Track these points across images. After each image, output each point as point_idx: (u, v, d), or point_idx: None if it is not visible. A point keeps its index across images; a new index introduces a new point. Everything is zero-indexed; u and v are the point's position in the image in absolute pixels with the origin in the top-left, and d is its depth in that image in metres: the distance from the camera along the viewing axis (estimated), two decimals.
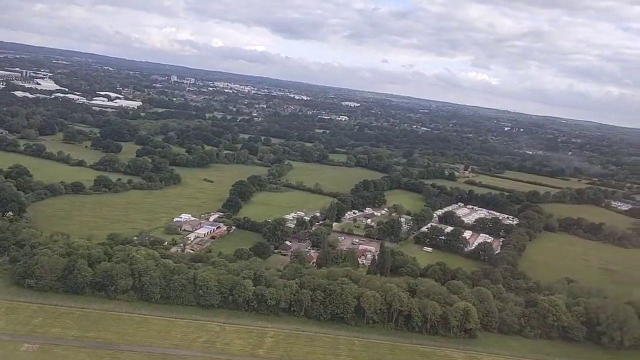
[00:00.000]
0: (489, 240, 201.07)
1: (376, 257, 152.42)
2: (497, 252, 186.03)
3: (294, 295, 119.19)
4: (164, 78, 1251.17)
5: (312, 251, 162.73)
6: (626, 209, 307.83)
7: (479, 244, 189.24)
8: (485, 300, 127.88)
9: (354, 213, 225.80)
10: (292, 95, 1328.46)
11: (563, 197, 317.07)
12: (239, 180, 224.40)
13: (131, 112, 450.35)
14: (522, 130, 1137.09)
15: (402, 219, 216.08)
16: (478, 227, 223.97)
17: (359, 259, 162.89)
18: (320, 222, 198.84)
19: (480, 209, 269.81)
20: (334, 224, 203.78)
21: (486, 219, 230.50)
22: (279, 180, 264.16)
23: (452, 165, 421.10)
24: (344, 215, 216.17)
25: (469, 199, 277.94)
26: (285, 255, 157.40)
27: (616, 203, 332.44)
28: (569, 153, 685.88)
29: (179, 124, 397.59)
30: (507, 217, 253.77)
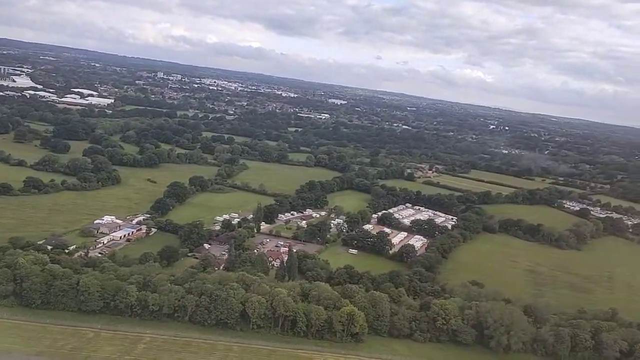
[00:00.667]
0: (413, 242, 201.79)
1: (284, 261, 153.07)
2: (419, 254, 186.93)
3: (179, 300, 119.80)
4: (150, 75, 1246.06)
5: (225, 255, 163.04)
6: (577, 209, 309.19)
7: (402, 246, 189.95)
8: (378, 304, 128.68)
9: (291, 214, 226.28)
10: (280, 92, 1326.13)
11: (516, 198, 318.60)
12: (175, 181, 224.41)
13: (97, 110, 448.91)
14: (506, 128, 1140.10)
15: (335, 221, 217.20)
16: (414, 228, 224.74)
17: (275, 261, 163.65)
18: (252, 224, 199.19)
19: (426, 210, 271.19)
20: (266, 225, 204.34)
21: (421, 220, 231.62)
22: (225, 181, 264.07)
23: (418, 165, 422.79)
24: (277, 217, 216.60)
25: (416, 200, 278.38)
26: (197, 259, 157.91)
27: (571, 203, 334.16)
28: (546, 152, 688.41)
29: (141, 123, 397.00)
30: (452, 218, 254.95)
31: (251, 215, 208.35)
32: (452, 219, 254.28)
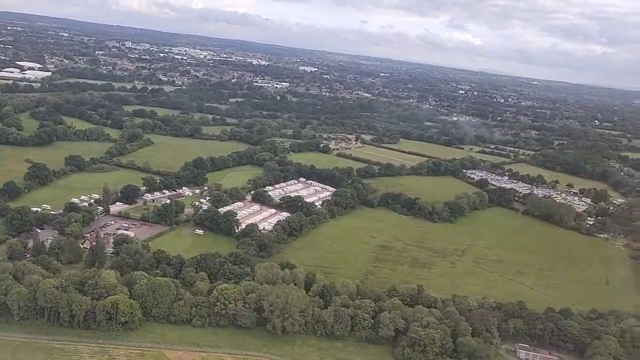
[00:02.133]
0: (275, 219, 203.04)
1: (94, 246, 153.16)
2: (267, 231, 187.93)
3: None
4: (117, 44, 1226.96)
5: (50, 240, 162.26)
6: (477, 179, 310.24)
7: (247, 225, 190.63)
8: (158, 291, 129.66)
9: (162, 193, 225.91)
10: (251, 61, 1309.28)
11: (420, 170, 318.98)
12: (39, 162, 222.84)
13: (24, 84, 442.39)
14: (475, 93, 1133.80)
15: (201, 201, 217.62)
16: (283, 205, 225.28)
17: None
18: (108, 205, 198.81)
19: (318, 184, 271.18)
20: (124, 206, 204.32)
21: (290, 197, 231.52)
22: (111, 160, 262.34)
23: (348, 136, 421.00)
24: (143, 196, 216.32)
25: (310, 174, 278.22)
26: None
27: (480, 173, 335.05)
28: (499, 118, 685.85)
29: (59, 98, 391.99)
30: None
31: (113, 196, 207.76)
32: None
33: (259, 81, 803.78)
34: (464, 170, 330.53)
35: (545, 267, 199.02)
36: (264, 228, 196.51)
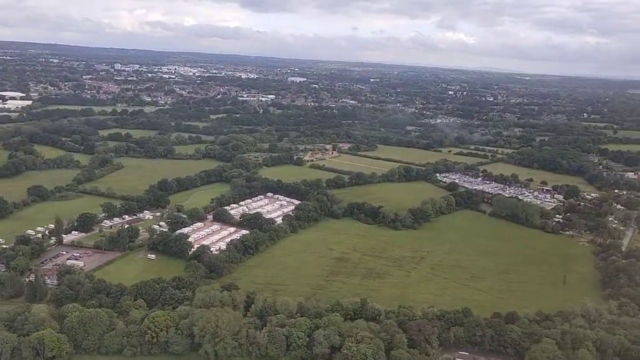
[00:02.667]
0: (214, 241, 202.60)
1: (34, 280, 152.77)
2: (217, 252, 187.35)
3: None
4: (106, 67, 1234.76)
5: None
6: (448, 183, 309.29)
7: (199, 246, 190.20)
8: (89, 323, 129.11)
9: (123, 219, 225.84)
10: (240, 74, 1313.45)
11: (392, 176, 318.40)
12: None
13: (1, 115, 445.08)
14: (465, 93, 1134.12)
15: (160, 224, 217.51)
16: (244, 223, 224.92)
17: (49, 279, 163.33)
18: (61, 235, 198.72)
19: (285, 198, 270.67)
20: (80, 235, 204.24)
21: (249, 214, 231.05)
22: (76, 187, 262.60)
23: (326, 146, 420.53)
24: (101, 222, 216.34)
25: (276, 189, 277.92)
26: None
27: (454, 176, 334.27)
28: (484, 117, 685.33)
29: (35, 127, 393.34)
30: None
31: (69, 225, 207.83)
32: None
33: (245, 95, 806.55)
34: (436, 174, 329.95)
35: (503, 269, 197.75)
36: (219, 248, 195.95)
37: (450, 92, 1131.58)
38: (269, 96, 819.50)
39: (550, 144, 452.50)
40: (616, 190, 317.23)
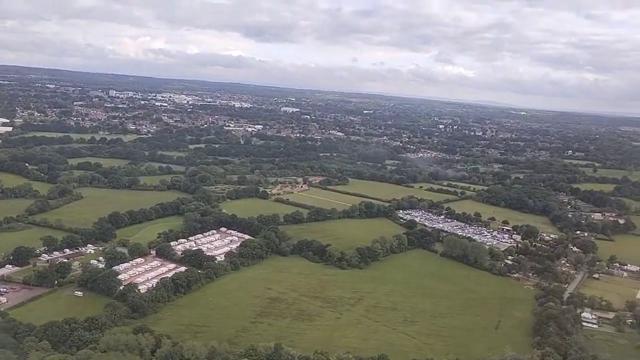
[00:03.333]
0: (149, 278, 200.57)
1: None
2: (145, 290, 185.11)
3: None
4: (100, 93, 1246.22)
5: None
6: (407, 220, 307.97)
7: (127, 284, 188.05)
8: None
9: (63, 252, 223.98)
10: (234, 103, 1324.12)
11: (352, 212, 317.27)
12: None
13: None
14: (455, 127, 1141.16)
15: (99, 259, 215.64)
16: (185, 259, 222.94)
17: None
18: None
19: (237, 234, 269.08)
20: (14, 269, 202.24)
21: (191, 250, 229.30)
22: (26, 218, 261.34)
23: (297, 179, 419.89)
24: (40, 256, 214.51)
25: (230, 224, 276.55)
26: None
27: (417, 213, 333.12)
28: (466, 153, 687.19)
29: (5, 154, 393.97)
30: None
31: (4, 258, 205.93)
32: None
33: (232, 125, 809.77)
34: (399, 211, 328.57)
35: (439, 313, 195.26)
36: (152, 285, 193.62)
37: (440, 126, 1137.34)
38: (256, 126, 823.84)
39: (523, 182, 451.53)
40: (578, 232, 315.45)
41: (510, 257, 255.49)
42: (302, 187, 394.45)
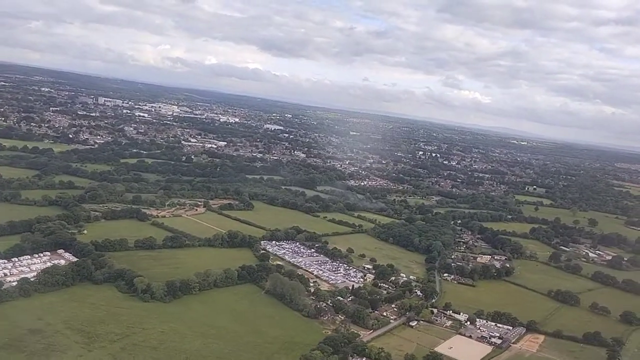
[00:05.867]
0: None
1: None
2: None
3: None
4: (90, 99, 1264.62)
5: None
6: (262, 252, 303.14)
7: None
8: None
9: None
10: (220, 117, 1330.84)
11: (214, 241, 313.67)
12: None
13: None
14: (435, 155, 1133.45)
15: None
16: None
17: None
18: None
19: (70, 257, 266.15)
20: None
21: None
22: None
23: (199, 202, 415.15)
24: None
25: (69, 246, 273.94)
26: None
27: (290, 245, 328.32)
28: (414, 184, 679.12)
29: None
30: None
31: None
32: None
33: (193, 140, 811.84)
34: (266, 242, 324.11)
35: (200, 354, 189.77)
36: None
37: (420, 152, 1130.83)
38: (220, 143, 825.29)
39: (435, 219, 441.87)
40: (445, 274, 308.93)
41: (339, 299, 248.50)
42: (197, 210, 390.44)
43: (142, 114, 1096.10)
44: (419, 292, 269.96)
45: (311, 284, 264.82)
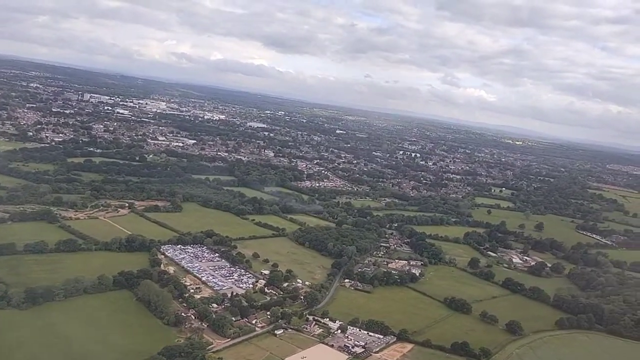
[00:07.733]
0: None
1: None
2: None
3: None
4: (76, 95, 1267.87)
5: None
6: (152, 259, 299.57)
7: None
8: None
9: None
10: (203, 115, 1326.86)
11: (112, 245, 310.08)
12: None
13: None
14: (414, 155, 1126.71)
15: None
16: None
17: None
18: None
19: None
20: None
21: None
22: None
23: (127, 203, 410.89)
24: None
25: None
26: None
27: (193, 249, 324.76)
28: (374, 185, 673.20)
29: None
30: None
31: None
32: None
33: (161, 139, 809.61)
34: (168, 246, 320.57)
35: None
36: None
37: (400, 152, 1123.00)
38: (190, 141, 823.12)
39: (362, 223, 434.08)
40: (346, 280, 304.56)
41: (207, 307, 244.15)
42: (118, 212, 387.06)
43: (122, 111, 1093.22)
44: (302, 299, 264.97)
45: (191, 291, 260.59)
